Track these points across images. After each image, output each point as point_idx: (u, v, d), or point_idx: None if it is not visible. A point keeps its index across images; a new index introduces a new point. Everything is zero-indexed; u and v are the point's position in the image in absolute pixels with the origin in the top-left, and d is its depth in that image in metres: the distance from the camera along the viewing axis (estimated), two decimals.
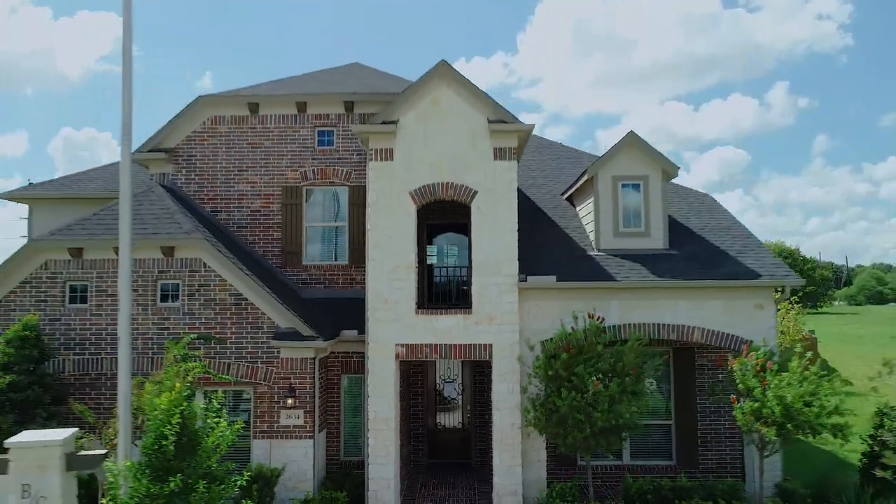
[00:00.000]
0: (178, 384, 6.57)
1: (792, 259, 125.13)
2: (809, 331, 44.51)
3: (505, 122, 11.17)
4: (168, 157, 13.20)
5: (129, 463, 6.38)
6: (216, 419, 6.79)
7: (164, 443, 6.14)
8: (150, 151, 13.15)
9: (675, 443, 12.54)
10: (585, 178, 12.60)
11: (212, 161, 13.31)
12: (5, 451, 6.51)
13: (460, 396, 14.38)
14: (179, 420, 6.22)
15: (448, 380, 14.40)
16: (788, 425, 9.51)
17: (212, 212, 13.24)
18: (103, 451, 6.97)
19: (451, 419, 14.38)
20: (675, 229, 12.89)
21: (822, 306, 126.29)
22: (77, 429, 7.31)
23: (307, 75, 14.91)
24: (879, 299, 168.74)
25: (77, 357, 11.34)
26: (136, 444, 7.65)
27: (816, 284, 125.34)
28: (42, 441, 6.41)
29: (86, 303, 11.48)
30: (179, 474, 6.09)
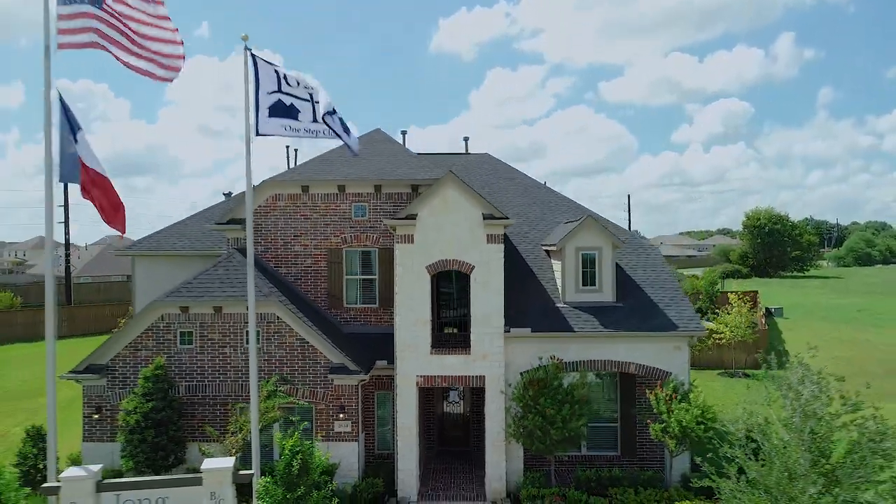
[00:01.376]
0: (292, 439, 10.95)
1: (781, 225, 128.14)
2: (767, 309, 49.23)
3: (494, 218, 15.38)
4: (241, 227, 17.43)
5: (268, 478, 10.84)
6: (311, 447, 11.22)
7: (292, 467, 10.60)
8: (227, 223, 17.36)
9: (619, 439, 17.11)
10: (556, 248, 16.86)
11: (274, 228, 17.53)
12: (199, 471, 10.97)
13: (461, 401, 18.90)
14: (300, 453, 10.66)
15: (453, 388, 18.90)
16: (686, 439, 14.05)
17: (275, 267, 17.51)
18: (251, 472, 11.46)
19: (454, 417, 18.95)
20: (623, 283, 17.21)
21: (808, 269, 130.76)
22: (234, 458, 11.76)
23: (342, 155, 18.91)
24: (867, 261, 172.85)
25: (187, 384, 15.81)
26: (205, 454, 12.06)
27: (803, 250, 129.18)
28: (222, 466, 10.88)
29: (191, 344, 15.89)
30: (302, 486, 10.57)
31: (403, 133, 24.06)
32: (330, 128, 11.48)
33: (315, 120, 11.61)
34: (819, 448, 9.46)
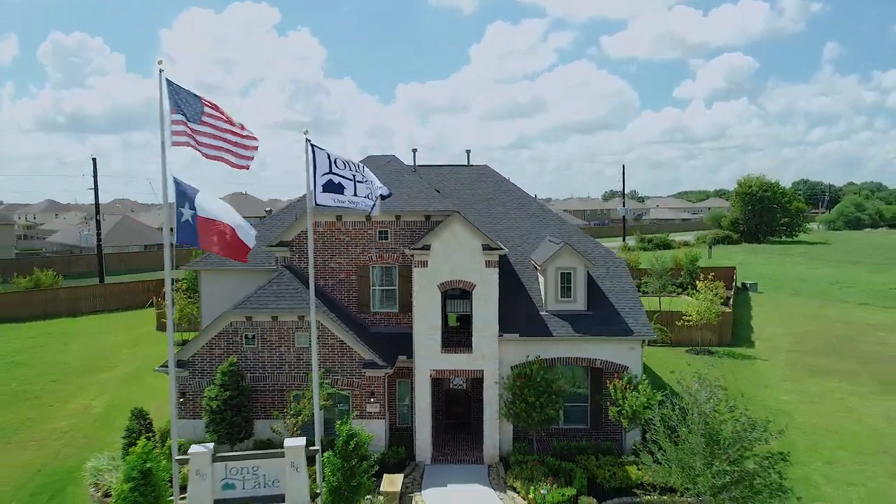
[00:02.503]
0: (346, 425, 15.44)
1: (772, 192, 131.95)
2: (743, 284, 53.72)
3: (491, 249, 19.65)
4: (288, 248, 21.69)
5: (330, 452, 15.35)
6: (361, 430, 15.69)
7: (348, 445, 15.09)
8: (277, 245, 21.62)
9: (589, 416, 21.71)
10: (540, 267, 21.17)
11: (318, 247, 21.77)
12: (265, 443, 15.49)
13: (464, 384, 23.44)
14: (354, 435, 15.14)
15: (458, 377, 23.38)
16: (636, 419, 18.60)
17: (315, 279, 21.80)
18: (317, 448, 15.98)
19: (458, 395, 23.51)
20: (594, 293, 21.56)
21: (797, 235, 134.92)
22: (302, 441, 16.19)
23: None
24: (857, 224, 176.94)
25: (252, 375, 20.30)
26: (275, 431, 16.61)
27: (792, 216, 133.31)
28: (297, 444, 15.40)
29: (254, 345, 20.32)
30: (354, 458, 15.06)
31: (414, 151, 27.99)
32: (365, 203, 15.79)
33: (356, 194, 15.86)
34: (710, 434, 13.93)
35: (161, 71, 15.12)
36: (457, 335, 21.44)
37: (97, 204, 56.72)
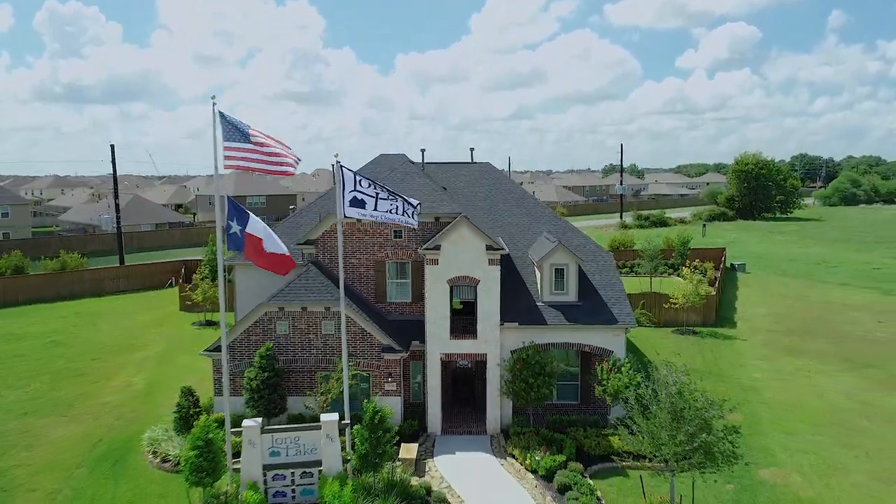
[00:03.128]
0: (372, 402, 18.37)
1: (767, 170, 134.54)
2: (732, 265, 56.31)
3: (494, 249, 22.41)
4: (314, 246, 24.45)
5: (359, 426, 18.31)
6: (385, 408, 18.62)
7: (374, 419, 18.04)
8: (304, 244, 24.38)
9: (579, 393, 24.68)
10: (537, 262, 23.97)
11: (336, 247, 24.53)
12: (299, 417, 18.45)
13: (469, 364, 26.38)
14: (379, 411, 18.08)
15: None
16: (618, 397, 21.55)
17: (336, 273, 24.59)
18: (347, 422, 18.95)
19: (464, 374, 26.48)
20: (583, 284, 24.36)
21: (791, 211, 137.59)
22: (336, 416, 19.08)
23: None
24: (852, 200, 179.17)
25: (285, 358, 23.23)
26: (308, 407, 19.62)
27: (786, 194, 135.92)
28: (332, 419, 18.37)
29: (286, 332, 23.22)
30: (380, 430, 18.03)
31: (423, 151, 30.61)
32: (386, 216, 18.62)
33: (376, 209, 18.70)
34: (674, 411, 16.83)
35: (214, 104, 17.77)
36: (463, 323, 24.29)
37: (115, 189, 59.26)
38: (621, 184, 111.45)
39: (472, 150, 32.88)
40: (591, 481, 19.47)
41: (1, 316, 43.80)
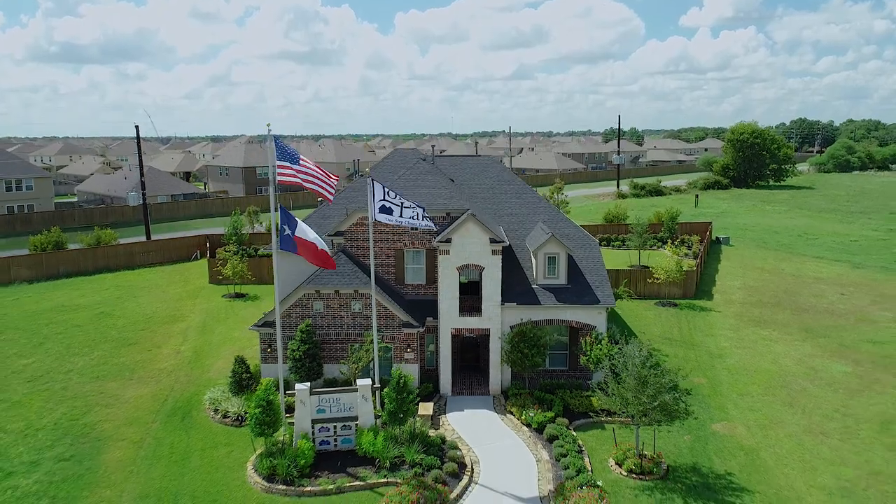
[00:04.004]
0: (401, 369, 22.82)
1: (761, 139, 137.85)
2: (717, 238, 60.01)
3: (496, 241, 26.64)
4: (343, 237, 28.69)
5: (388, 388, 22.81)
6: (408, 374, 23.10)
7: (400, 383, 22.51)
8: (335, 235, 28.62)
9: (568, 361, 29.20)
10: (532, 250, 28.25)
11: (362, 237, 28.76)
12: (343, 384, 22.98)
13: (475, 336, 30.86)
14: (403, 377, 22.56)
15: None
16: (599, 364, 26.07)
17: (362, 260, 28.88)
18: (378, 385, 23.44)
19: (470, 343, 30.97)
20: (572, 269, 28.66)
21: (784, 180, 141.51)
22: (369, 381, 23.55)
23: (402, 190, 29.64)
24: (846, 167, 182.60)
25: (321, 332, 27.69)
26: (342, 374, 24.11)
27: (779, 162, 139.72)
28: (366, 383, 22.90)
29: (322, 311, 27.63)
30: (405, 392, 22.53)
31: (433, 147, 34.54)
32: (409, 221, 22.84)
33: (401, 216, 22.90)
34: (638, 378, 21.28)
35: (269, 130, 21.84)
36: (470, 303, 28.65)
37: (141, 167, 63.11)
38: (619, 154, 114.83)
39: (476, 143, 36.77)
40: (574, 433, 24.08)
41: (48, 288, 48.21)
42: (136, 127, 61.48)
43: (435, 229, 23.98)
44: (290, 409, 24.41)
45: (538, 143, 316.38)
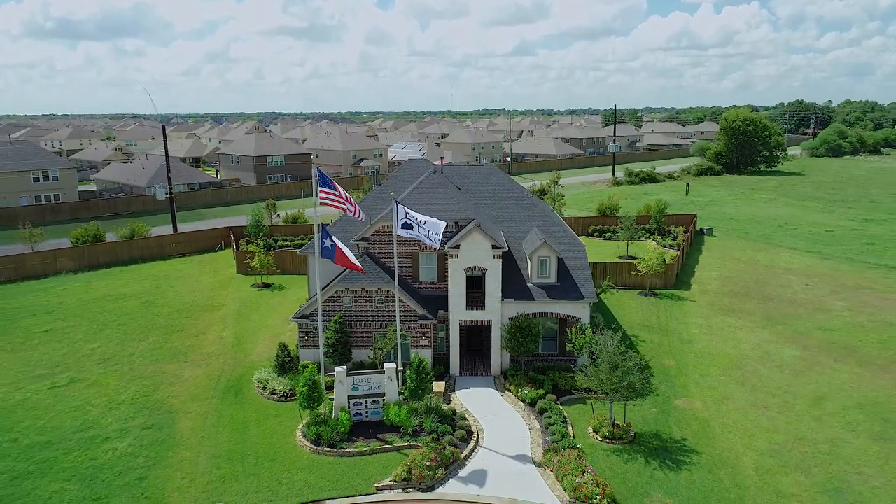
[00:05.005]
0: (420, 354, 28.12)
1: (753, 126, 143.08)
2: (701, 230, 64.63)
3: (497, 247, 31.80)
4: (367, 241, 33.83)
5: (409, 371, 28.12)
6: (425, 358, 28.39)
7: (419, 367, 27.81)
8: (360, 240, 33.76)
9: (557, 346, 34.50)
10: (528, 253, 33.43)
11: (384, 242, 33.88)
12: (370, 367, 28.31)
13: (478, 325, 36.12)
14: (422, 361, 27.85)
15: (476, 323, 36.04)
16: (583, 349, 31.40)
17: (384, 261, 34.03)
18: (402, 368, 28.75)
19: (475, 331, 36.25)
20: (561, 269, 33.85)
21: (776, 164, 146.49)
22: (393, 364, 28.86)
23: (417, 201, 34.64)
24: (838, 152, 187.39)
25: (350, 323, 32.95)
26: (369, 358, 29.44)
27: (770, 149, 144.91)
28: (391, 365, 28.23)
29: (350, 305, 32.88)
30: (423, 374, 27.84)
31: (441, 158, 39.51)
32: (425, 236, 27.96)
33: (419, 232, 28.03)
34: (611, 362, 26.54)
35: (313, 160, 26.90)
36: (475, 298, 33.86)
37: (167, 160, 67.97)
38: (615, 142, 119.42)
39: (479, 157, 41.60)
40: (560, 407, 29.47)
41: (91, 278, 53.41)
42: (163, 126, 66.28)
43: (439, 249, 28.90)
44: (328, 387, 29.75)
45: (538, 123, 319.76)
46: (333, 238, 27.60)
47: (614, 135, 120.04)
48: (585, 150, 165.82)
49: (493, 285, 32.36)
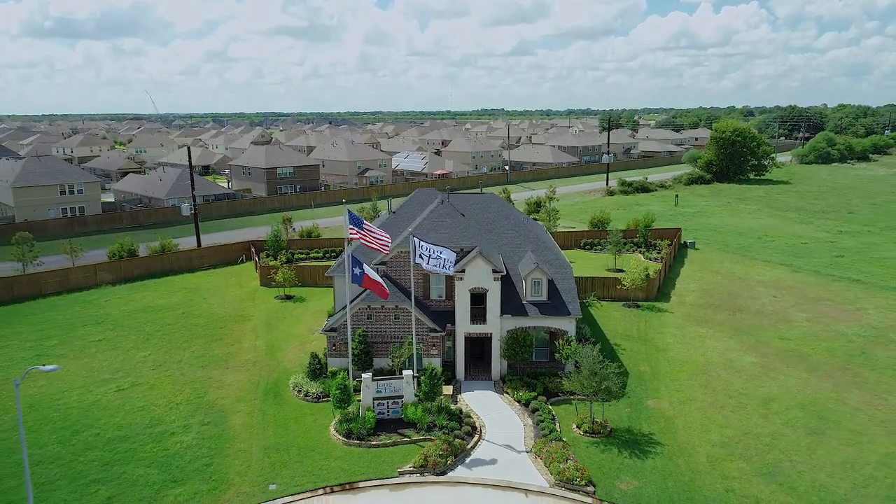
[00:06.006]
0: (432, 362, 33.81)
1: (742, 137, 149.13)
2: (685, 242, 69.42)
3: (497, 272, 37.49)
4: (385, 265, 39.50)
5: (423, 375, 33.78)
6: (437, 366, 34.03)
7: (433, 373, 33.47)
8: (379, 263, 39.43)
9: (548, 354, 40.16)
10: (523, 276, 39.12)
11: (400, 265, 39.52)
12: (390, 372, 33.99)
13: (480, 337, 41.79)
14: (434, 368, 33.51)
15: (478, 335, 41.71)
16: (570, 358, 37.10)
17: (400, 282, 39.67)
18: (418, 374, 34.44)
19: (477, 342, 41.92)
20: (551, 288, 39.54)
21: (765, 173, 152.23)
22: (410, 371, 34.54)
23: (429, 230, 40.32)
24: (826, 159, 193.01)
25: (372, 334, 38.61)
26: (388, 365, 35.09)
27: (758, 158, 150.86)
28: (409, 372, 33.93)
29: (371, 319, 38.55)
30: (435, 378, 33.50)
31: (448, 190, 45.10)
32: (436, 266, 33.67)
33: (428, 263, 33.76)
34: (590, 370, 32.20)
35: (347, 207, 32.62)
36: (477, 314, 39.51)
37: (192, 181, 73.51)
38: (608, 153, 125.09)
39: (481, 187, 47.30)
40: (549, 406, 35.15)
41: (129, 290, 59.00)
42: (188, 148, 71.83)
43: (450, 273, 34.53)
44: (355, 390, 35.40)
45: (536, 127, 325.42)
46: (364, 266, 33.25)
47: (608, 144, 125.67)
48: (581, 159, 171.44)
49: (494, 303, 38.03)
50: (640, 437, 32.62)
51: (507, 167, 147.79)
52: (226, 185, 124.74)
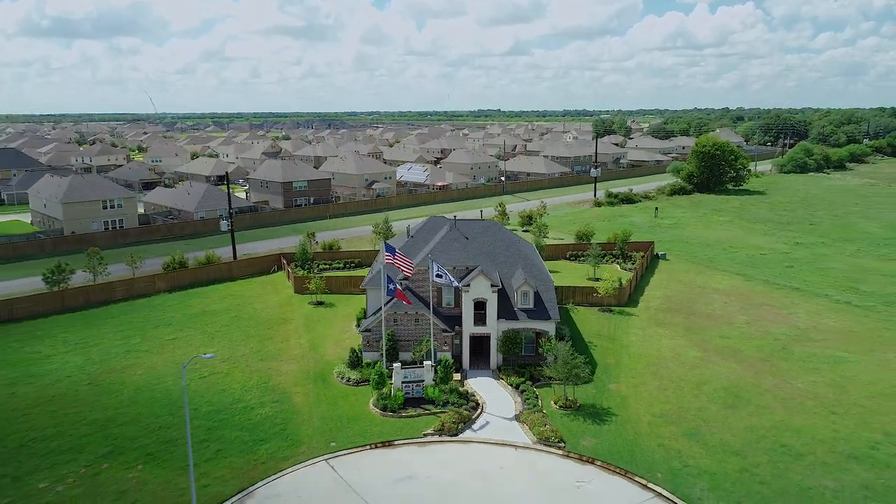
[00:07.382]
0: (445, 355, 44.99)
1: (721, 151, 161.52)
2: (657, 254, 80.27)
3: (494, 286, 48.67)
4: (408, 280, 50.66)
5: (439, 365, 44.85)
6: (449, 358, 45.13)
7: (446, 363, 44.56)
8: (402, 279, 50.60)
9: (535, 350, 51.32)
10: (514, 288, 50.33)
11: (420, 280, 50.66)
12: (415, 363, 45.15)
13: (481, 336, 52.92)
14: (445, 361, 44.61)
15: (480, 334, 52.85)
16: (551, 353, 48.36)
17: (420, 293, 50.75)
18: (434, 364, 45.59)
19: (479, 341, 53.08)
20: (536, 298, 50.71)
21: (742, 184, 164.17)
22: (430, 362, 45.62)
23: (438, 250, 51.46)
24: (804, 168, 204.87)
25: (398, 334, 49.77)
26: (412, 357, 46.29)
27: (736, 170, 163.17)
28: (429, 364, 45.09)
29: (397, 323, 49.72)
30: (449, 368, 44.59)
31: (454, 216, 56.30)
32: (448, 283, 44.99)
33: (443, 280, 45.07)
34: (564, 361, 43.43)
35: (386, 242, 43.88)
36: (479, 318, 50.57)
37: (229, 198, 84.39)
38: (596, 167, 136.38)
39: (481, 212, 58.44)
40: (534, 388, 46.35)
41: (182, 297, 69.90)
42: (227, 174, 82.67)
43: (458, 286, 45.73)
44: (388, 376, 46.55)
45: (532, 132, 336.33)
46: (392, 281, 44.39)
47: (595, 157, 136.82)
48: (573, 168, 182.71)
49: (492, 310, 49.22)
50: (600, 410, 43.81)
51: (503, 178, 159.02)
52: (244, 196, 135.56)
